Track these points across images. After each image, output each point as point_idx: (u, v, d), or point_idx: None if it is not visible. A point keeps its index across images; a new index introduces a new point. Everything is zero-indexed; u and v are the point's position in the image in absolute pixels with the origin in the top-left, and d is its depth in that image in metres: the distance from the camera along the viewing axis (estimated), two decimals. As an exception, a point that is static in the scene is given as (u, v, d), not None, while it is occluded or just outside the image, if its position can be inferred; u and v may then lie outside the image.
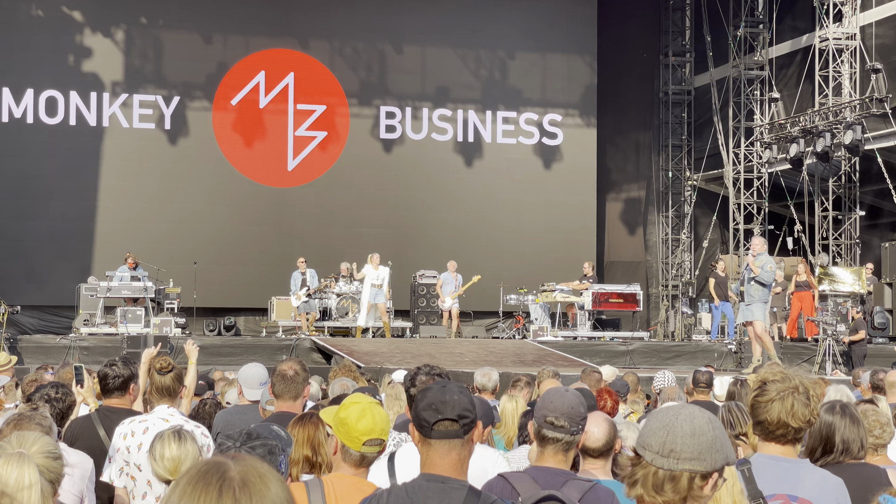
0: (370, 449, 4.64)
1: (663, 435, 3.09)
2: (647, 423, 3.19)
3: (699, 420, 3.12)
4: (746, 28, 31.65)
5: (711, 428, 3.12)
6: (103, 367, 7.18)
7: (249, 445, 3.52)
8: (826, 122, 27.29)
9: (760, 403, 4.37)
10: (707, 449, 3.09)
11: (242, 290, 29.59)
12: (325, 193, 30.72)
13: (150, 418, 6.54)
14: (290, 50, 30.72)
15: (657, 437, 3.10)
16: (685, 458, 3.07)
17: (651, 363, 23.52)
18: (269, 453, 3.53)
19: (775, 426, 4.35)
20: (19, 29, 28.94)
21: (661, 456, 3.07)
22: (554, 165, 32.42)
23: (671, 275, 34.18)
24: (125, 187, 29.43)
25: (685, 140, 34.36)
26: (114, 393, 7.07)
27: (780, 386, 4.35)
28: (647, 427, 3.17)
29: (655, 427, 3.13)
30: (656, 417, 3.17)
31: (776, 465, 4.36)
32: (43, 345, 23.10)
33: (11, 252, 28.52)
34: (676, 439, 3.08)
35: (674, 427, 3.09)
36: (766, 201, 31.49)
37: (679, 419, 3.11)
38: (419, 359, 20.63)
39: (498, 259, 30.72)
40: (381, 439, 4.66)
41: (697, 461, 3.08)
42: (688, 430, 3.09)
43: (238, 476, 2.40)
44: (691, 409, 3.16)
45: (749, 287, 18.74)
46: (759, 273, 18.44)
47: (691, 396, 10.88)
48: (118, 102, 29.61)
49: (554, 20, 32.25)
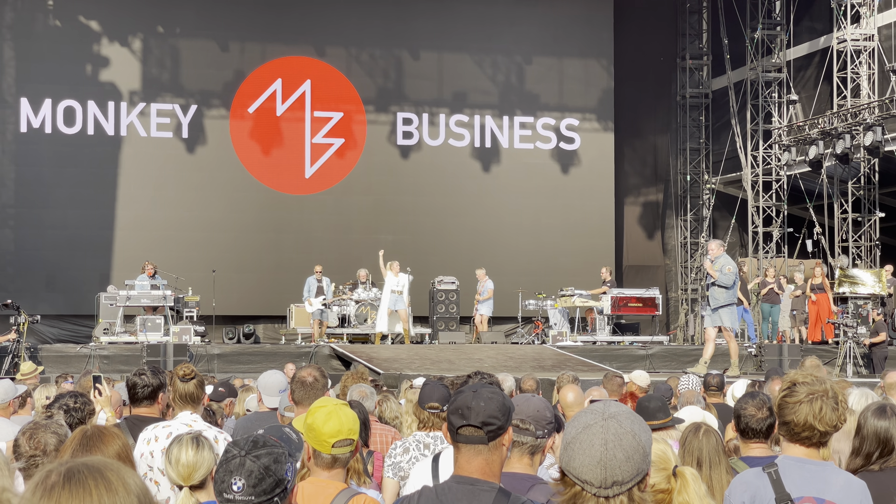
0: (340, 450, 4.66)
1: (601, 472, 3.01)
2: (574, 455, 3.05)
3: (626, 440, 3.03)
4: (764, 30, 31.57)
5: (637, 439, 3.05)
6: (132, 376, 7.18)
7: (255, 454, 3.51)
8: (845, 123, 27.19)
9: (788, 404, 4.34)
10: (641, 461, 3.04)
11: (261, 297, 29.62)
12: (342, 200, 30.72)
13: (174, 424, 6.56)
14: (307, 57, 30.75)
15: (594, 474, 3.01)
16: (627, 482, 3.02)
17: (671, 367, 23.44)
18: (275, 462, 3.52)
19: (801, 428, 4.32)
20: (37, 39, 29.04)
21: (604, 489, 3.02)
22: (571, 170, 32.37)
23: (690, 278, 34.09)
24: (143, 196, 29.49)
25: (703, 143, 34.27)
26: (143, 402, 7.08)
27: (809, 388, 4.32)
28: (577, 461, 3.04)
29: (588, 464, 3.02)
30: (584, 450, 3.04)
31: (802, 467, 4.34)
32: (63, 354, 23.15)
33: (31, 262, 28.61)
34: (615, 472, 3.01)
35: (608, 461, 3.01)
36: (785, 204, 31.38)
37: (609, 449, 3.01)
38: (438, 365, 20.64)
39: (516, 264, 30.67)
40: (349, 439, 4.66)
41: (637, 476, 3.04)
42: (622, 457, 3.01)
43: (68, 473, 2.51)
44: (614, 430, 3.04)
45: (712, 291, 18.73)
46: (717, 277, 18.45)
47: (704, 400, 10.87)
48: (136, 111, 29.68)
49: (570, 25, 32.21)
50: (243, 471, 3.48)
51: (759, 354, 24.38)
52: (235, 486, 3.45)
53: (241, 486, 3.46)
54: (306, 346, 24.79)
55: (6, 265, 28.64)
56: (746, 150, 32.18)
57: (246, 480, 3.47)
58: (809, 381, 4.34)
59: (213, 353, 23.60)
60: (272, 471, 3.49)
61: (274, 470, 3.49)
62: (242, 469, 3.48)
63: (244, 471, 3.47)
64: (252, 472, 3.47)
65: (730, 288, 18.61)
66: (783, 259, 31.17)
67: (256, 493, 3.47)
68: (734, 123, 32.69)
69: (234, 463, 3.50)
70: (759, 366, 23.77)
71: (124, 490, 2.50)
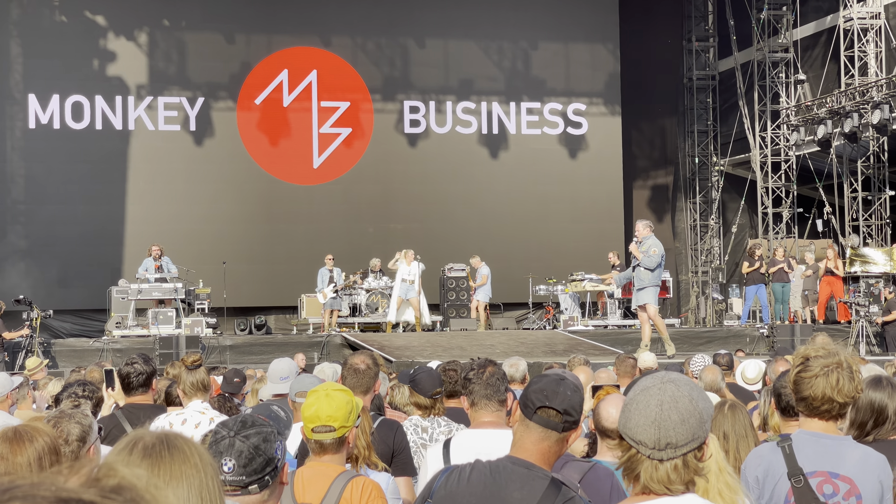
0: (320, 436, 4.68)
1: (655, 432, 3.05)
2: (631, 416, 3.11)
3: (682, 403, 3.07)
4: (770, 11, 31.47)
5: (694, 404, 3.08)
6: (124, 366, 7.31)
7: (244, 434, 3.55)
8: (853, 102, 27.11)
9: (804, 379, 4.34)
10: (697, 426, 3.07)
11: (272, 288, 29.66)
12: (351, 190, 30.74)
13: (187, 411, 6.67)
14: (313, 47, 30.76)
15: (648, 434, 3.06)
16: (682, 445, 3.05)
17: (683, 350, 23.40)
18: (265, 441, 3.56)
19: (820, 402, 4.31)
20: (43, 35, 29.07)
21: (657, 450, 3.06)
22: (580, 155, 32.35)
23: (701, 261, 34.06)
24: (152, 189, 29.54)
25: (711, 125, 34.22)
26: (137, 390, 7.20)
27: (823, 361, 4.31)
28: (633, 421, 3.10)
29: (643, 423, 3.07)
30: (639, 410, 3.10)
31: (817, 441, 4.33)
32: (76, 348, 23.24)
33: (42, 257, 28.67)
34: (669, 433, 3.04)
35: (662, 421, 3.05)
36: (795, 184, 31.32)
37: (664, 410, 3.05)
38: (450, 352, 20.65)
39: (526, 250, 30.67)
40: (328, 426, 4.67)
41: (693, 442, 3.07)
42: (676, 419, 3.05)
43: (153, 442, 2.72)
44: (671, 391, 3.09)
45: (638, 272, 18.84)
46: (641, 259, 18.57)
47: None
48: (143, 105, 29.71)
49: (576, 9, 32.16)
50: (233, 451, 3.52)
51: (771, 335, 24.36)
52: (226, 467, 3.49)
53: (231, 467, 3.50)
54: (318, 335, 24.82)
55: (17, 261, 28.70)
56: (755, 131, 32.12)
57: (236, 460, 3.51)
58: (822, 353, 4.33)
59: (226, 344, 23.66)
60: (262, 450, 3.53)
61: (264, 449, 3.54)
62: (232, 449, 3.52)
63: (234, 451, 3.52)
64: (242, 452, 3.52)
65: (653, 270, 18.82)
66: (793, 239, 31.13)
67: (247, 473, 3.51)
68: (742, 105, 32.63)
69: (224, 444, 3.54)
70: (772, 346, 23.75)
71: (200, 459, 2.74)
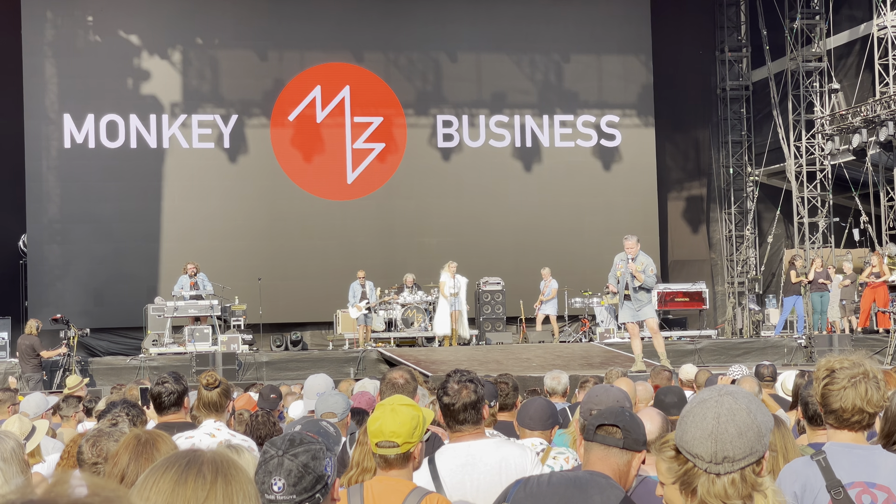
0: (384, 451, 4.67)
1: (712, 445, 3.01)
2: (687, 428, 3.07)
3: (740, 416, 3.03)
4: (803, 20, 31.34)
5: (752, 416, 3.04)
6: (154, 385, 7.28)
7: (292, 453, 3.53)
8: (888, 110, 26.93)
9: (832, 392, 4.30)
10: (756, 440, 3.03)
11: (307, 304, 29.71)
12: (385, 205, 30.78)
13: (197, 433, 6.61)
14: (345, 63, 30.83)
15: (705, 447, 3.02)
16: (739, 459, 3.01)
17: (720, 361, 23.31)
18: (314, 458, 3.53)
19: (850, 413, 4.28)
20: (78, 56, 29.30)
21: (714, 464, 3.02)
22: (613, 167, 32.27)
23: (737, 272, 33.89)
24: (187, 207, 29.67)
25: (745, 135, 34.08)
26: (170, 409, 7.18)
27: (850, 372, 4.28)
28: (689, 434, 3.06)
29: (699, 436, 3.03)
30: (695, 423, 3.05)
31: (850, 452, 4.29)
32: (113, 366, 23.33)
33: (79, 276, 28.85)
34: (727, 446, 3.00)
35: (719, 434, 3.01)
36: (830, 193, 31.14)
37: (721, 423, 3.01)
38: (486, 365, 20.62)
39: (561, 263, 30.58)
40: (391, 441, 4.66)
41: (751, 456, 3.03)
42: (734, 432, 3.01)
43: (210, 460, 2.58)
44: (728, 405, 3.04)
45: (638, 294, 18.81)
46: (643, 280, 18.59)
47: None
48: (177, 123, 29.87)
49: (608, 21, 32.13)
50: (282, 470, 3.49)
51: (808, 346, 24.20)
52: (276, 486, 3.46)
53: (281, 486, 3.47)
54: (353, 351, 24.84)
55: (55, 280, 28.89)
56: (789, 140, 31.96)
57: (286, 479, 3.48)
58: (847, 364, 4.30)
59: (262, 360, 23.71)
60: (311, 468, 3.50)
61: (313, 467, 3.50)
62: (281, 468, 3.49)
63: (283, 470, 3.49)
64: (291, 471, 3.49)
65: (652, 289, 18.99)
66: (830, 249, 30.93)
67: (297, 492, 3.48)
68: (776, 114, 32.49)
69: (273, 463, 3.51)
70: (810, 357, 23.60)
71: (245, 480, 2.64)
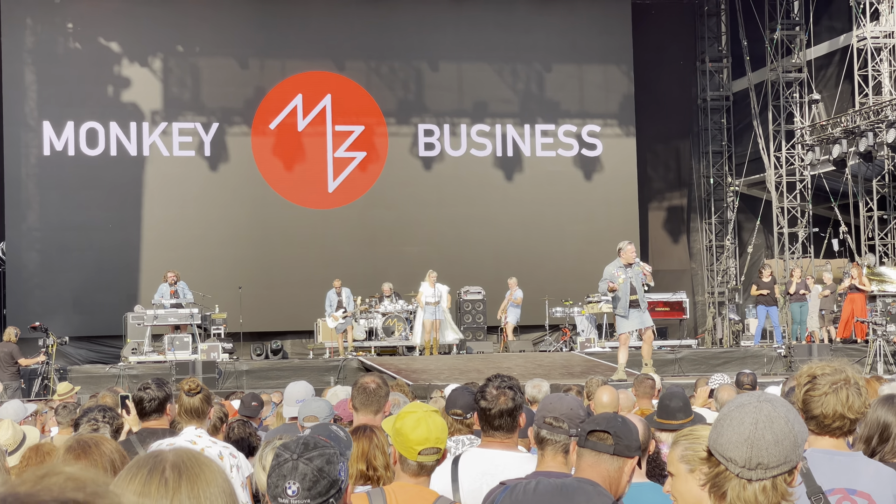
0: (426, 458, 4.63)
1: (747, 451, 2.99)
2: (723, 431, 3.05)
3: (778, 423, 3.00)
4: (783, 31, 31.47)
5: (790, 425, 3.02)
6: (137, 391, 7.23)
7: (307, 457, 3.49)
8: (868, 121, 27.06)
9: (814, 398, 4.31)
10: (791, 449, 3.01)
11: (288, 313, 29.64)
12: (366, 213, 30.75)
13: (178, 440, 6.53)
14: (327, 72, 30.82)
15: (740, 452, 2.99)
16: (773, 467, 2.99)
17: (700, 370, 23.32)
18: (328, 463, 3.49)
19: (832, 419, 4.28)
20: (58, 63, 29.20)
21: (748, 469, 2.99)
22: (594, 176, 32.31)
23: (717, 281, 33.97)
24: (168, 215, 29.58)
25: (725, 146, 34.19)
26: (151, 415, 7.13)
27: (831, 378, 4.28)
28: (725, 437, 3.04)
29: (736, 441, 3.01)
30: (733, 427, 3.03)
31: (832, 459, 4.29)
32: (92, 374, 23.19)
33: (58, 284, 28.72)
34: (762, 453, 2.98)
35: (756, 440, 2.98)
36: (810, 204, 31.25)
37: (759, 429, 2.99)
38: (467, 374, 20.59)
39: (542, 272, 30.61)
40: (436, 448, 4.64)
41: (785, 464, 3.01)
42: (770, 439, 2.98)
43: (171, 462, 2.58)
44: (766, 411, 3.02)
45: (644, 296, 18.90)
46: (651, 280, 18.73)
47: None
48: (158, 131, 29.79)
49: (589, 31, 32.18)
50: (297, 474, 3.44)
51: (788, 355, 24.26)
52: (290, 490, 3.42)
53: (295, 490, 3.43)
54: (334, 359, 24.80)
55: (33, 288, 28.76)
56: (769, 151, 32.07)
57: (300, 484, 3.44)
58: (829, 371, 4.30)
59: (242, 369, 23.64)
60: (326, 472, 3.46)
61: (327, 471, 3.46)
62: (296, 472, 3.45)
63: (297, 474, 3.44)
64: (306, 475, 3.44)
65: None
66: (809, 259, 31.03)
67: (312, 496, 3.44)
68: (756, 125, 32.59)
69: (287, 467, 3.47)
70: (790, 367, 23.64)
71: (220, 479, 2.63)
